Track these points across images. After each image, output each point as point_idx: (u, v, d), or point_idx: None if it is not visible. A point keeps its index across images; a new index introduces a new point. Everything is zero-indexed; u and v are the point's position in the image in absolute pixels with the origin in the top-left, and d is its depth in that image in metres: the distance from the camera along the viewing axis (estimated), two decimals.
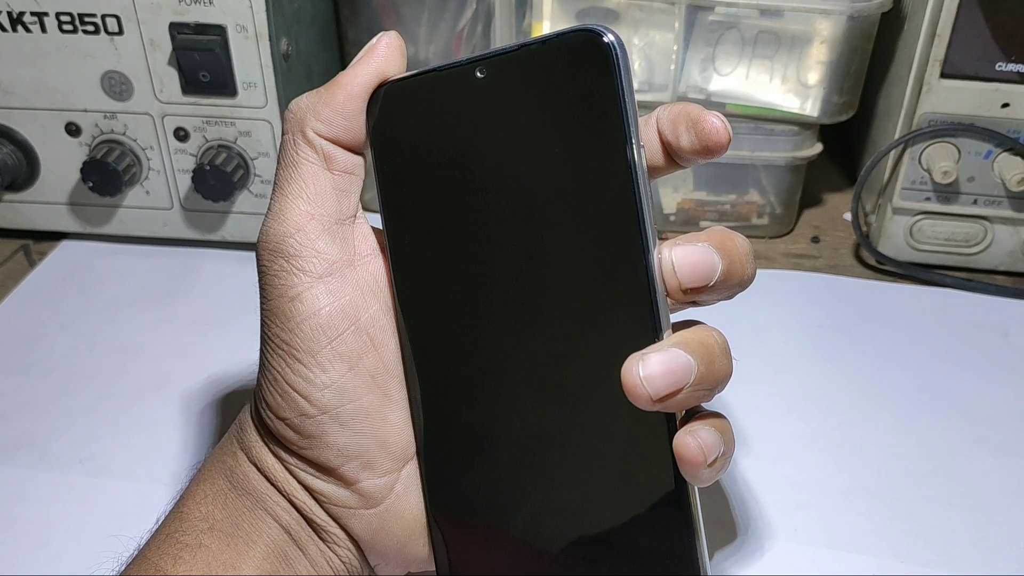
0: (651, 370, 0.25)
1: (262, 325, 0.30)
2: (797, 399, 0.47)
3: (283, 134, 0.30)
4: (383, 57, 0.30)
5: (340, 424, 0.29)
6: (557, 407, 0.28)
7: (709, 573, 0.27)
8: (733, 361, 0.27)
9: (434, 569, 0.31)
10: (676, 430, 0.26)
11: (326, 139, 0.29)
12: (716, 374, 0.26)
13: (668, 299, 0.27)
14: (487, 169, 0.28)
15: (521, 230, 0.28)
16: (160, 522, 0.31)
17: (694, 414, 0.27)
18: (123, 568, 0.30)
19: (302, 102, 0.30)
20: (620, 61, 0.26)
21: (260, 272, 0.30)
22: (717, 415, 0.27)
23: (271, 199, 0.30)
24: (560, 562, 0.29)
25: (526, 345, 0.28)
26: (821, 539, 0.40)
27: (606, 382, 0.27)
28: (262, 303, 0.30)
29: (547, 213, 0.28)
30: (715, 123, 0.27)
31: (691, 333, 0.27)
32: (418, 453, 0.30)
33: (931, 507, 0.41)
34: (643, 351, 0.26)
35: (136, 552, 0.31)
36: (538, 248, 0.28)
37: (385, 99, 0.29)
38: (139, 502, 0.40)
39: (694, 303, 0.27)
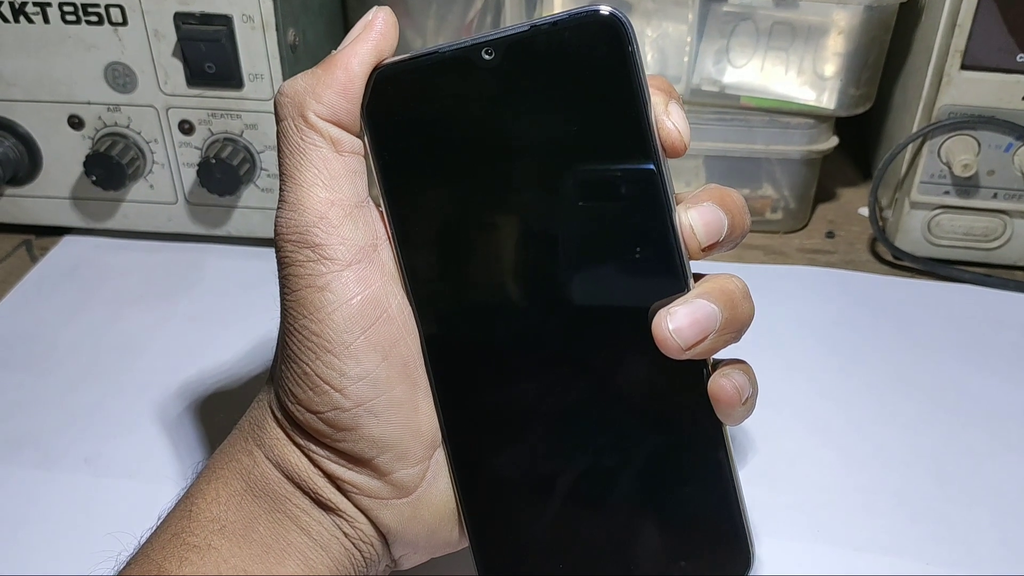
0: (679, 322, 0.28)
1: (285, 317, 0.29)
2: (814, 397, 0.46)
3: (280, 120, 0.29)
4: (381, 34, 0.28)
5: (374, 416, 0.28)
6: (590, 373, 0.29)
7: (748, 515, 0.30)
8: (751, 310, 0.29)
9: (457, 551, 0.31)
10: (709, 376, 0.29)
11: (330, 123, 0.28)
12: (740, 318, 0.29)
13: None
14: (503, 148, 0.28)
15: (542, 204, 0.29)
16: (163, 520, 0.30)
17: (719, 364, 0.29)
18: (122, 568, 0.29)
19: (298, 85, 0.28)
20: (632, 36, 0.27)
21: (283, 263, 0.28)
22: (741, 361, 0.30)
23: (283, 189, 0.29)
24: (603, 521, 0.30)
25: (555, 317, 0.29)
26: (844, 540, 0.39)
27: (636, 343, 0.28)
28: (285, 295, 0.29)
29: (569, 186, 0.28)
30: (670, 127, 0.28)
31: (711, 283, 0.29)
32: (444, 440, 0.30)
33: (955, 507, 0.40)
34: (669, 305, 0.28)
35: (136, 551, 0.30)
36: (562, 220, 0.29)
37: (383, 81, 0.28)
38: (146, 502, 0.39)
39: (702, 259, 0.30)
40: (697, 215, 0.28)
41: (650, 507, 0.30)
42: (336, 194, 0.28)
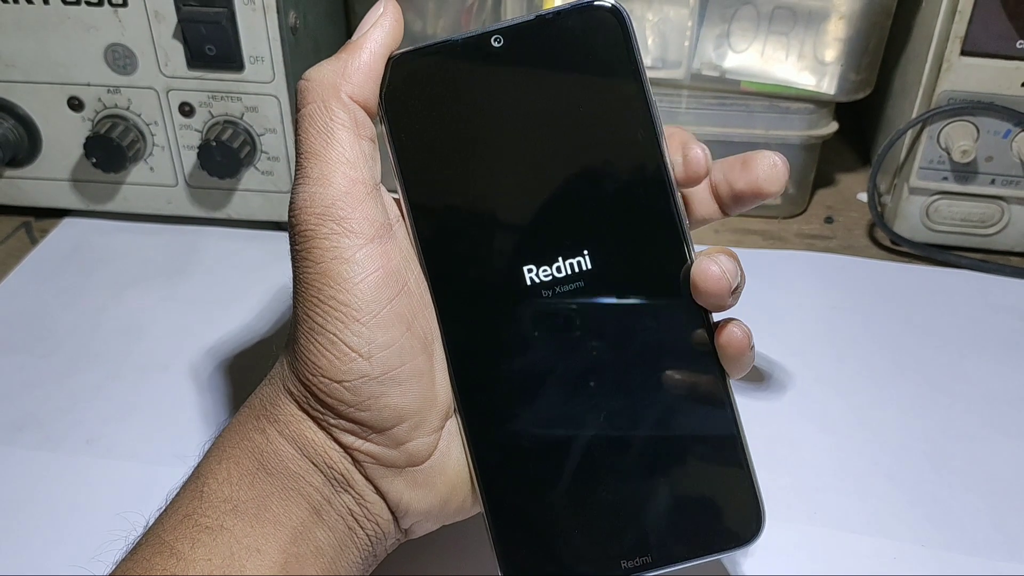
0: (727, 265, 0.30)
1: (308, 289, 0.29)
2: (811, 381, 0.47)
3: (305, 104, 0.30)
4: (395, 21, 0.30)
5: (398, 384, 0.29)
6: (601, 339, 0.30)
7: (759, 481, 0.31)
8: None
9: (467, 517, 0.32)
10: (714, 332, 0.30)
11: (359, 104, 0.30)
12: (742, 281, 0.31)
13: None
14: (512, 129, 0.30)
15: (552, 180, 0.30)
16: (172, 501, 0.30)
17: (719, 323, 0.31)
18: (132, 549, 0.29)
19: (325, 69, 0.30)
20: (630, 24, 0.30)
21: (304, 236, 0.29)
22: (735, 319, 0.31)
23: (305, 166, 0.29)
24: (616, 485, 0.30)
25: (567, 289, 0.30)
26: (840, 523, 0.39)
27: (646, 310, 0.30)
28: (307, 267, 0.29)
29: (579, 166, 0.30)
30: (697, 153, 0.31)
31: (717, 248, 0.31)
32: (457, 409, 0.31)
33: (951, 491, 0.41)
34: (709, 255, 0.30)
35: (146, 532, 0.30)
36: (571, 196, 0.30)
37: (399, 67, 0.30)
38: (148, 483, 0.39)
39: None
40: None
41: (663, 471, 0.30)
42: (359, 173, 0.29)
